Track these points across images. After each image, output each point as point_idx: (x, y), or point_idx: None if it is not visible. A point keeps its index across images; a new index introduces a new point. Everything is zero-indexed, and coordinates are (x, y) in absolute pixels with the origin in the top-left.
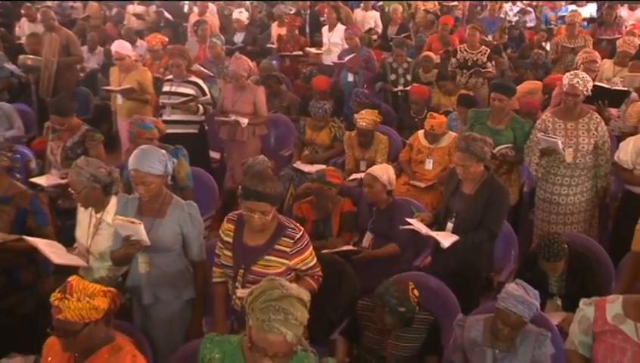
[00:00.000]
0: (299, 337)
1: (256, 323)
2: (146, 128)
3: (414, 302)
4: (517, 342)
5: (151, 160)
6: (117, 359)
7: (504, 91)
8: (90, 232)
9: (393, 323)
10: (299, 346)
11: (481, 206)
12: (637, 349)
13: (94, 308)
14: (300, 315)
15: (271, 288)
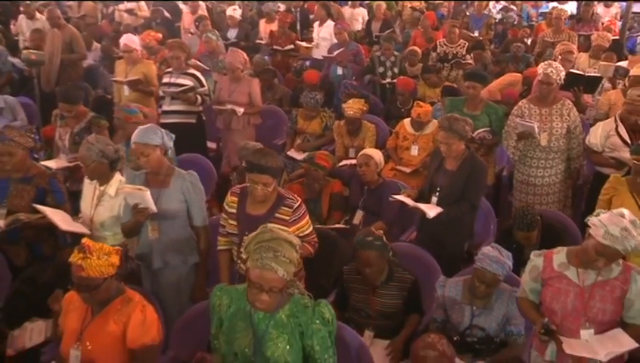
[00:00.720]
0: (290, 274)
1: (252, 263)
2: (132, 112)
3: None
4: (493, 299)
5: (148, 133)
6: (128, 309)
7: (477, 79)
8: (93, 203)
9: (376, 258)
10: (296, 290)
11: (462, 181)
12: (578, 290)
13: (110, 264)
14: (289, 254)
15: (262, 232)
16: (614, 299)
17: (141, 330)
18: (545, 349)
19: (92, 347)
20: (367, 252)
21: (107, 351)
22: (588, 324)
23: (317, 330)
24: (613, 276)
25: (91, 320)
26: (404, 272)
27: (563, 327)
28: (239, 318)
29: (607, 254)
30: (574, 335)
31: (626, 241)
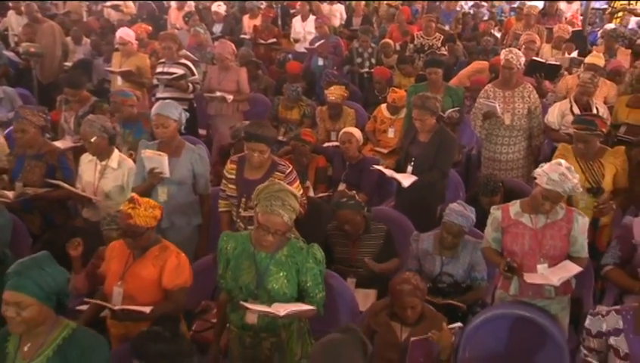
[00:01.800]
0: (292, 220)
1: (262, 208)
2: (127, 95)
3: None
4: (459, 249)
5: (169, 107)
6: (165, 255)
7: (437, 65)
8: (96, 177)
9: (351, 216)
10: (293, 235)
11: (434, 151)
12: (532, 233)
13: (154, 216)
14: (293, 203)
15: (272, 184)
16: (562, 236)
17: (175, 273)
18: (509, 286)
19: (133, 285)
20: (343, 211)
21: (145, 289)
22: (542, 260)
23: (310, 268)
24: (559, 218)
25: (133, 263)
26: (378, 224)
27: (523, 265)
28: (244, 258)
29: (551, 197)
30: (532, 270)
31: (564, 184)
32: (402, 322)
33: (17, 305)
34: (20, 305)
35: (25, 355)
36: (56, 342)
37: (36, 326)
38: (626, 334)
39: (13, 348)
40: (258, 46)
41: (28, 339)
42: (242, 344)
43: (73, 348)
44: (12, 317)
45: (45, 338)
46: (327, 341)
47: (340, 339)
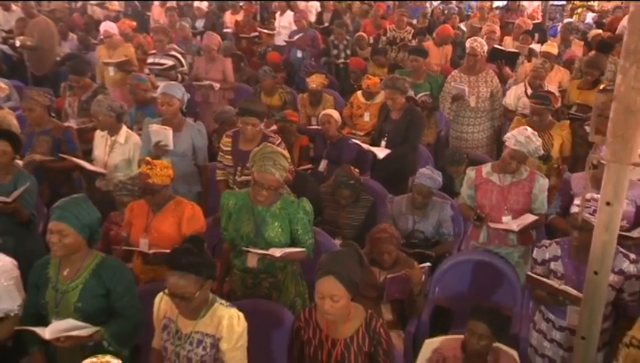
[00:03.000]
0: (283, 177)
1: (257, 168)
2: (142, 80)
3: (357, 176)
4: (429, 209)
5: (174, 88)
6: (181, 207)
7: (418, 54)
8: (106, 151)
9: (349, 195)
10: (285, 191)
11: (405, 127)
12: (499, 189)
13: (168, 175)
14: (283, 163)
15: (265, 147)
16: (524, 194)
17: (192, 221)
18: (478, 235)
19: (156, 235)
20: (343, 190)
21: (168, 237)
22: (507, 212)
23: (300, 219)
24: (523, 177)
25: (153, 217)
26: (367, 195)
27: (491, 216)
28: (243, 212)
29: (517, 157)
30: (498, 221)
31: (528, 145)
32: (380, 266)
33: (59, 232)
34: (62, 232)
35: (65, 278)
36: (90, 267)
37: (74, 252)
38: (562, 259)
39: (53, 273)
40: (240, 40)
41: (66, 264)
42: (244, 284)
43: (106, 271)
44: (55, 242)
45: (81, 264)
46: (332, 252)
47: (341, 251)
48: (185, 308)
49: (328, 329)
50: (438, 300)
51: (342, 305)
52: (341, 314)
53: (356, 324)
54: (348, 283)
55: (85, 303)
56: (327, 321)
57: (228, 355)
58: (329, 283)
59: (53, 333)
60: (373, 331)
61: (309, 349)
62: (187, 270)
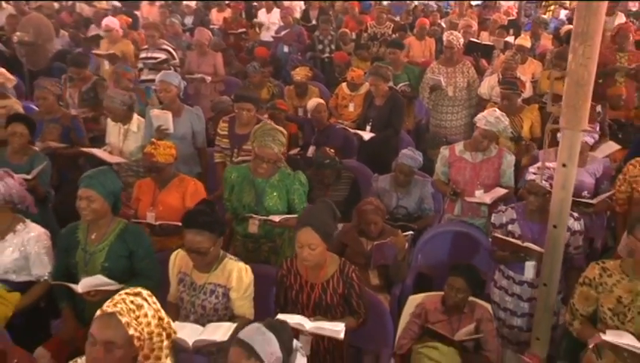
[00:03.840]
0: (280, 152)
1: (257, 143)
2: (127, 70)
3: (333, 155)
4: (411, 186)
5: (171, 76)
6: (184, 184)
7: (396, 46)
8: (120, 138)
9: (330, 173)
10: (282, 165)
11: (388, 112)
12: (472, 166)
13: (171, 154)
14: (281, 139)
15: (265, 124)
16: (494, 169)
17: (195, 195)
18: (454, 208)
19: (162, 209)
20: (325, 170)
21: (173, 211)
22: (479, 186)
23: (296, 189)
24: (492, 155)
25: (159, 193)
26: (348, 172)
27: (465, 191)
28: (245, 183)
29: (488, 136)
30: (471, 195)
31: (498, 125)
32: (367, 236)
33: (88, 199)
34: (90, 198)
35: (93, 241)
36: (115, 231)
37: (100, 217)
38: (519, 221)
39: (82, 236)
40: (228, 36)
41: (94, 229)
42: (246, 249)
43: (129, 235)
44: (84, 207)
45: (106, 229)
46: (310, 207)
47: (317, 206)
48: (201, 262)
49: (307, 275)
50: (420, 267)
51: (318, 252)
52: (318, 260)
53: (332, 270)
54: (323, 234)
55: (111, 263)
56: (306, 268)
57: (237, 303)
58: (307, 234)
59: (84, 287)
60: (346, 276)
61: (291, 293)
62: (202, 228)
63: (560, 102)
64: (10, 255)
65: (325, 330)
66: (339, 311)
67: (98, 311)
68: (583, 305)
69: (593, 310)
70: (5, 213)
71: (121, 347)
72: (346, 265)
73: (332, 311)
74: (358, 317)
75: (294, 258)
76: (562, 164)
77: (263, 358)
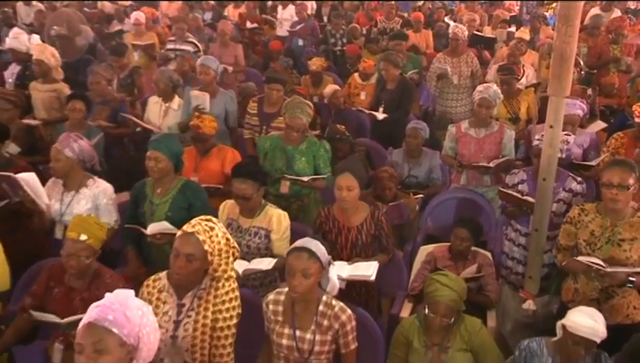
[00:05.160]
0: (308, 122)
1: (288, 114)
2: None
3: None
4: (421, 158)
5: (210, 60)
6: (223, 152)
7: (400, 38)
8: (161, 115)
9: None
10: (309, 134)
11: (399, 95)
12: (476, 141)
13: (213, 127)
14: (309, 110)
15: (295, 98)
16: (496, 143)
17: (232, 162)
18: (459, 179)
19: (204, 173)
20: (337, 144)
21: (213, 175)
22: (483, 159)
23: (321, 155)
24: (494, 130)
25: (201, 160)
26: (360, 147)
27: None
28: (277, 150)
29: (484, 103)
30: None
31: (488, 91)
32: (382, 201)
33: (155, 159)
34: (157, 159)
35: (158, 195)
36: (177, 186)
37: (165, 175)
38: (527, 182)
39: (149, 191)
40: (243, 31)
41: (159, 185)
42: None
43: (189, 189)
44: (152, 166)
45: (169, 185)
46: (346, 159)
47: (353, 157)
48: (246, 207)
49: (344, 219)
50: (429, 229)
51: (354, 194)
52: (354, 202)
53: (364, 215)
54: (358, 178)
55: (173, 213)
56: (342, 213)
57: (276, 243)
58: (345, 178)
59: (152, 230)
60: (377, 219)
61: (330, 237)
62: (247, 176)
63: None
64: (84, 205)
65: (358, 276)
66: (371, 250)
67: (180, 232)
68: (566, 240)
69: (573, 244)
70: (78, 171)
71: (198, 259)
72: (376, 211)
73: (366, 249)
74: (388, 252)
75: (330, 207)
76: (549, 126)
77: (320, 257)
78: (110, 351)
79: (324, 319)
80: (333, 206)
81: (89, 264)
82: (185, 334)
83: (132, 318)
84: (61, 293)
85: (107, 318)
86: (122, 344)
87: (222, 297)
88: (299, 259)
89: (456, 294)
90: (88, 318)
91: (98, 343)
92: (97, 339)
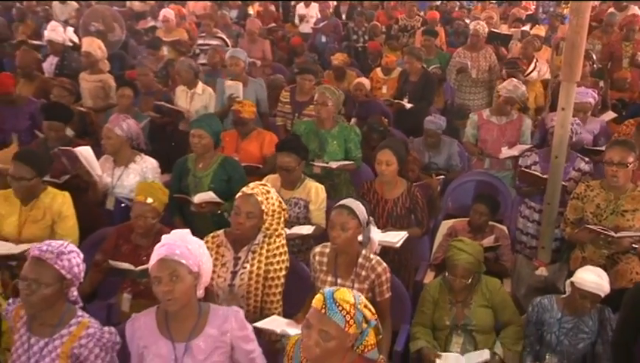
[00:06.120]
0: (337, 108)
1: (318, 94)
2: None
3: (386, 125)
4: (440, 146)
5: (240, 53)
6: (262, 134)
7: (430, 34)
8: (188, 100)
9: (376, 138)
10: (340, 120)
11: (422, 87)
12: (498, 128)
13: (253, 111)
14: (339, 94)
15: (324, 86)
16: (516, 130)
17: (270, 144)
18: (482, 164)
19: (244, 154)
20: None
21: (252, 157)
22: (504, 144)
23: (352, 138)
24: (514, 118)
25: (241, 142)
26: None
27: (492, 149)
28: (311, 134)
29: (509, 101)
30: (498, 151)
31: (516, 91)
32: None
33: (199, 136)
34: (200, 136)
35: (200, 169)
36: (217, 161)
37: (207, 151)
38: (540, 163)
39: (192, 165)
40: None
41: (201, 160)
42: None
43: (228, 163)
44: (196, 143)
45: (211, 160)
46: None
47: (394, 138)
48: (288, 179)
49: (383, 192)
50: (449, 209)
51: (393, 169)
52: (392, 176)
53: (401, 190)
54: (397, 154)
55: (215, 185)
56: (382, 186)
57: (314, 214)
58: (385, 153)
59: (199, 199)
60: (413, 194)
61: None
62: (291, 151)
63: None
64: (133, 179)
65: (386, 241)
66: (405, 222)
67: (240, 193)
68: (573, 214)
69: (580, 217)
70: (127, 148)
71: (255, 217)
72: (412, 187)
73: (401, 221)
74: (422, 226)
75: (373, 180)
76: (561, 108)
77: (358, 215)
78: (182, 278)
79: (362, 270)
80: (375, 179)
81: (154, 224)
82: (241, 283)
83: (193, 251)
84: (129, 250)
85: (175, 252)
86: (190, 272)
87: (273, 252)
88: (339, 215)
89: (472, 257)
90: (159, 255)
91: (173, 273)
92: (172, 270)
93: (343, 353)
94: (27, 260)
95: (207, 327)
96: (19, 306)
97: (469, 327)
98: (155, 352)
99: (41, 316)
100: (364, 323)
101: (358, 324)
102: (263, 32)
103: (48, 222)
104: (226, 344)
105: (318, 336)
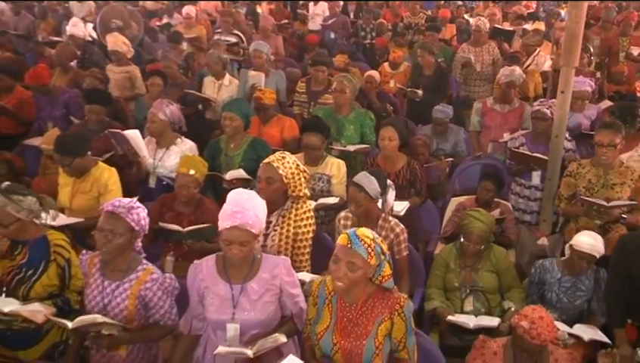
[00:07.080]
0: (353, 94)
1: (336, 82)
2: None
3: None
4: (448, 133)
5: (263, 45)
6: (282, 120)
7: (434, 30)
8: (215, 90)
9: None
10: (357, 107)
11: (435, 80)
12: (501, 115)
13: (273, 98)
14: (355, 82)
15: (342, 75)
16: (518, 117)
17: (290, 129)
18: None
19: (265, 137)
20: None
21: (273, 141)
22: (507, 130)
23: (367, 123)
24: (516, 106)
25: (262, 127)
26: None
27: (496, 135)
28: (329, 119)
29: (510, 85)
30: (500, 136)
31: (513, 74)
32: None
33: (230, 118)
34: (232, 118)
35: (231, 149)
36: (247, 142)
37: (238, 132)
38: (527, 144)
39: (224, 145)
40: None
41: (232, 141)
42: None
43: (257, 144)
44: (227, 125)
45: (241, 140)
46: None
47: (396, 117)
48: (312, 156)
49: (385, 165)
50: (456, 191)
51: (394, 144)
52: (394, 151)
53: (401, 163)
54: (399, 131)
55: (246, 163)
56: (384, 160)
57: (336, 187)
58: (388, 130)
59: (231, 176)
60: (412, 167)
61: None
62: (316, 130)
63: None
64: (174, 160)
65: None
66: (406, 193)
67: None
68: (566, 190)
69: (572, 193)
70: (169, 131)
71: (276, 181)
72: (412, 161)
73: (402, 192)
74: (421, 196)
75: (375, 156)
76: (561, 91)
77: (368, 191)
78: (250, 243)
79: (382, 230)
80: (377, 154)
81: (195, 193)
82: (272, 244)
83: (260, 217)
84: (172, 217)
85: (247, 222)
86: (255, 236)
87: (300, 216)
88: (353, 192)
89: (486, 226)
90: (234, 222)
91: (244, 242)
92: (243, 239)
93: (365, 283)
94: (102, 215)
95: (260, 272)
96: (93, 255)
97: (476, 288)
98: (215, 291)
99: (113, 262)
100: (382, 254)
101: (377, 256)
102: (275, 28)
103: (94, 194)
104: (276, 287)
105: (346, 268)
